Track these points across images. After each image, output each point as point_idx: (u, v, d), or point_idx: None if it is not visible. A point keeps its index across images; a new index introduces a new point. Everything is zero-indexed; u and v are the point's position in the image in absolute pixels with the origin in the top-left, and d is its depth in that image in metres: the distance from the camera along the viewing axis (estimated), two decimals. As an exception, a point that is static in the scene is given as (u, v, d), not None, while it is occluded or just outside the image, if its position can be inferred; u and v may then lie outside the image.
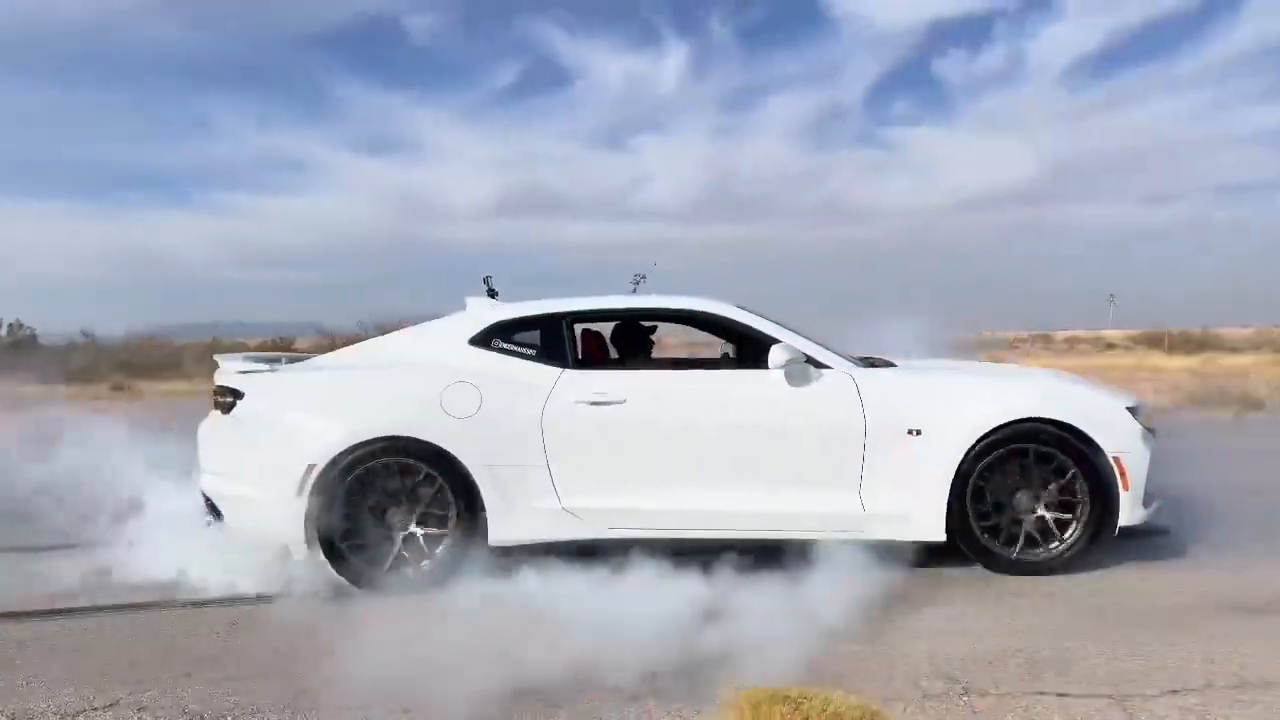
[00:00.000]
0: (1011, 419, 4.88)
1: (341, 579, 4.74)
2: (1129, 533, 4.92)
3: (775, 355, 4.94)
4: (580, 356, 5.29)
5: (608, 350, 5.70)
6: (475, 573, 4.66)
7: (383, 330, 7.03)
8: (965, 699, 3.36)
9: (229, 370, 5.09)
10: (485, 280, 5.77)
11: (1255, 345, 33.43)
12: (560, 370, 5.01)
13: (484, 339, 5.14)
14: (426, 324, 5.38)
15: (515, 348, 5.13)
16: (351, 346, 5.45)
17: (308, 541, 4.70)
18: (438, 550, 4.78)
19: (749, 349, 5.27)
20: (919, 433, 4.89)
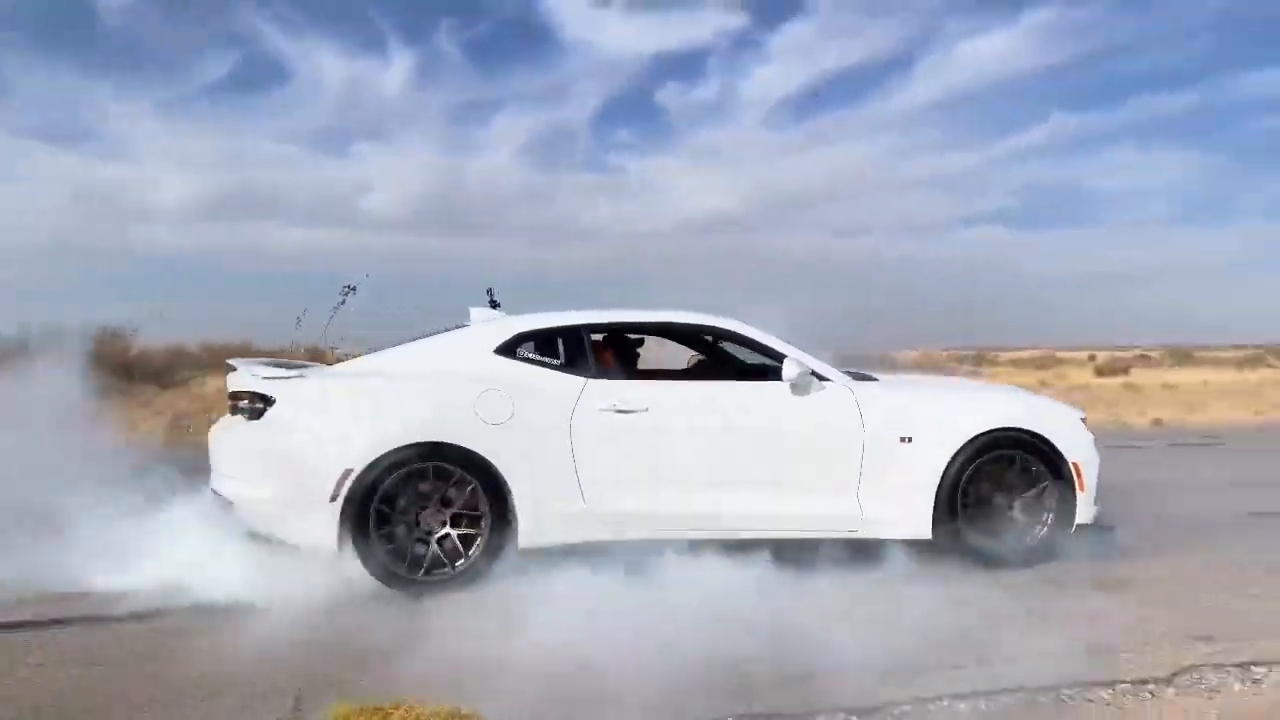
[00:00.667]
0: (991, 428, 5.44)
1: (374, 581, 4.81)
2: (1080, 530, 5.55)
3: (789, 369, 5.32)
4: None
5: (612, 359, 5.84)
6: (506, 574, 4.85)
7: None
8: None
9: (252, 376, 5.09)
10: (488, 292, 6.02)
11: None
12: (585, 380, 5.22)
13: (509, 348, 5.31)
14: (449, 333, 5.54)
15: (539, 357, 5.33)
16: (371, 355, 5.49)
17: (340, 545, 4.75)
18: (470, 552, 4.92)
19: (718, 360, 5.82)
20: (910, 440, 5.39)
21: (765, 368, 5.57)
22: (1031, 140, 78.54)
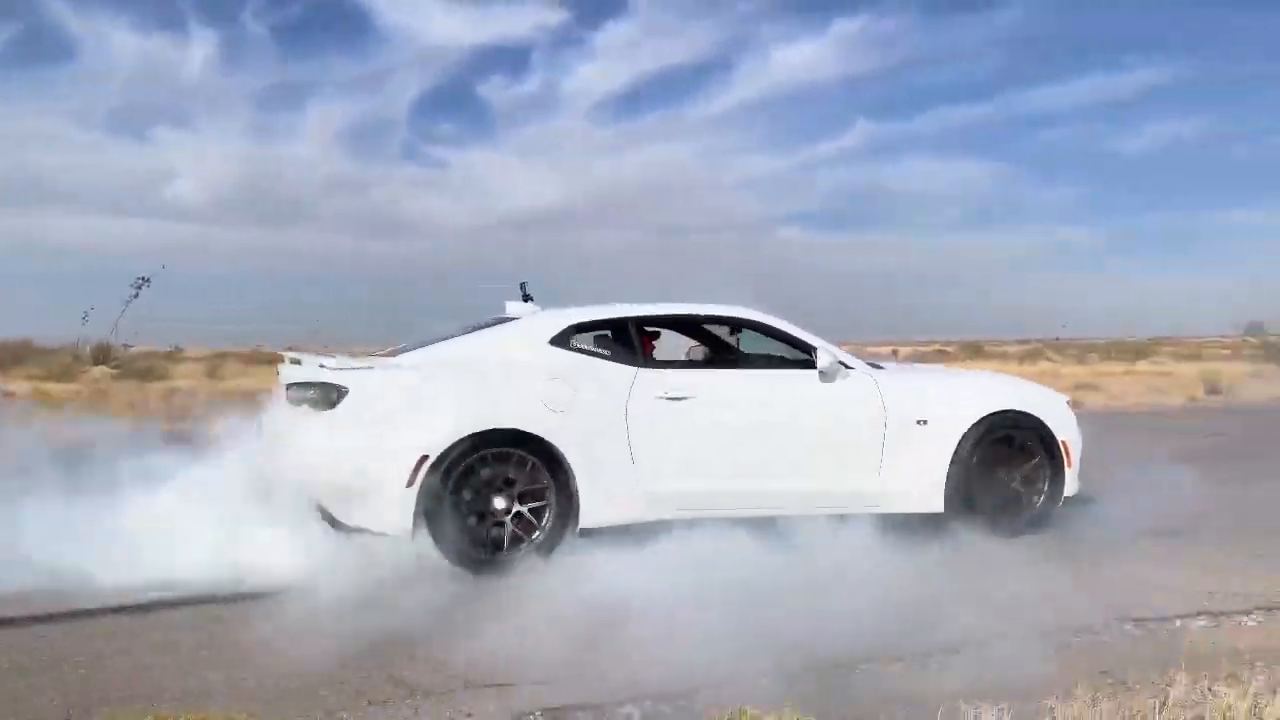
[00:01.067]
0: (993, 411, 5.99)
1: (445, 564, 4.99)
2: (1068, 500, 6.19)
3: (823, 359, 5.77)
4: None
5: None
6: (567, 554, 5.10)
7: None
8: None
9: (320, 367, 5.23)
10: (521, 286, 6.31)
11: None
12: (636, 369, 5.54)
13: (563, 339, 5.58)
14: (503, 325, 5.81)
15: (592, 348, 5.66)
16: (431, 346, 5.65)
17: (415, 528, 4.92)
18: (535, 535, 5.15)
19: (720, 349, 6.25)
20: (925, 423, 5.89)
21: (781, 356, 6.01)
22: (841, 146, 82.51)
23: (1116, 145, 76.16)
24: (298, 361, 5.47)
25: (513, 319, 5.92)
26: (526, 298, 6.25)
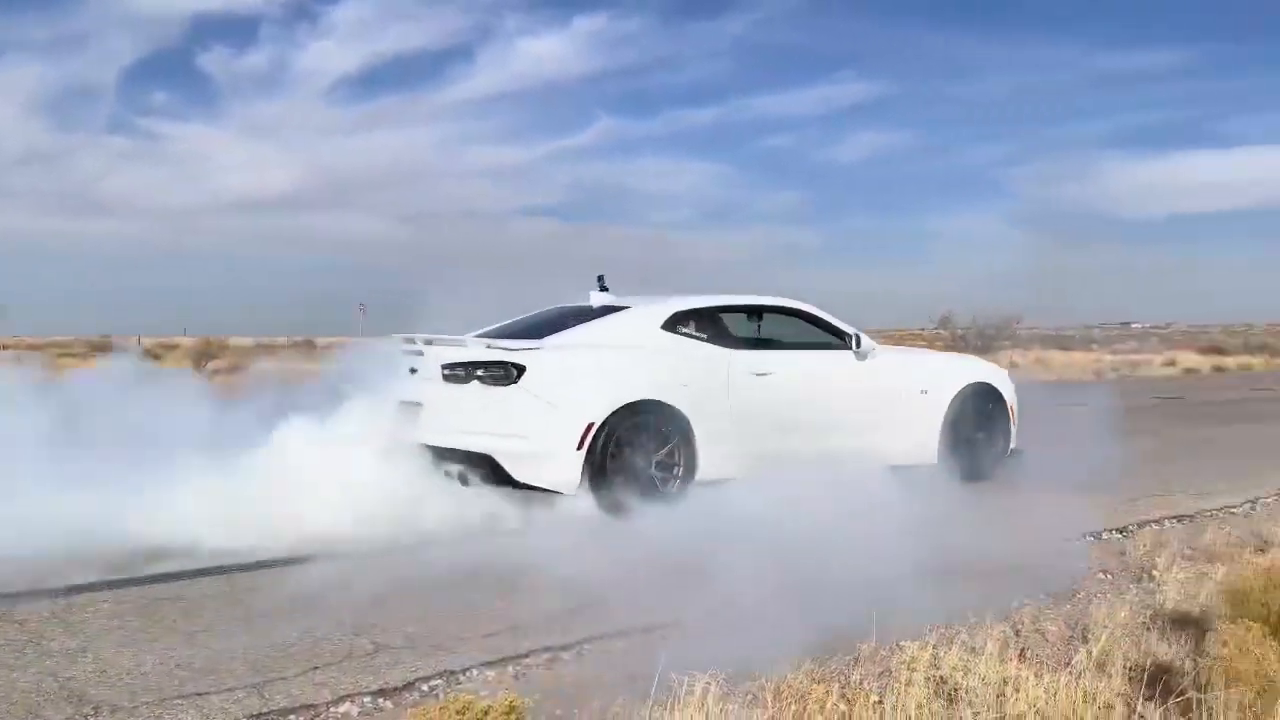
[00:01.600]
0: (970, 382, 7.46)
1: (599, 510, 5.86)
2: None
3: (865, 341, 7.00)
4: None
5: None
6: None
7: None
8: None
9: (493, 348, 6.01)
10: (599, 279, 7.27)
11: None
12: (730, 350, 6.58)
13: (671, 325, 6.56)
14: (618, 313, 6.69)
15: (693, 332, 6.60)
16: (566, 331, 6.43)
17: (581, 485, 5.83)
18: (669, 486, 6.11)
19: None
20: (926, 392, 7.24)
21: (822, 340, 7.06)
22: (582, 141, 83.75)
23: (833, 154, 79.35)
24: (416, 347, 6.26)
25: (622, 307, 6.80)
26: (603, 289, 7.16)
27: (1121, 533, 5.93)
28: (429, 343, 6.28)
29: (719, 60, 76.55)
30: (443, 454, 5.88)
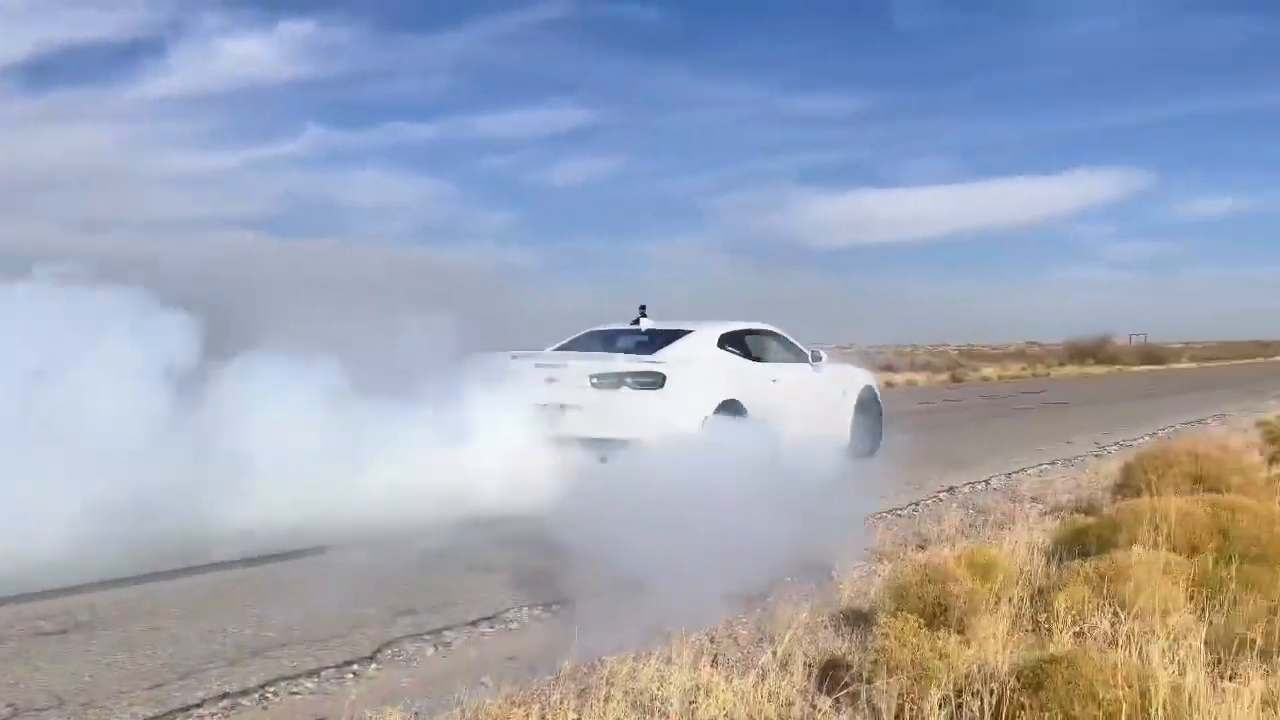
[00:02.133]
0: (864, 385, 10.55)
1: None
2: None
3: (822, 355, 9.99)
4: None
5: None
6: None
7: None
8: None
9: (638, 360, 8.23)
10: (641, 308, 9.54)
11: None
12: (753, 362, 9.23)
13: (721, 344, 9.06)
14: (688, 336, 8.98)
15: (731, 349, 9.11)
16: (668, 348, 8.61)
17: None
18: None
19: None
20: (845, 393, 10.20)
21: (790, 355, 9.85)
22: (290, 150, 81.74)
23: (549, 176, 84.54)
24: (553, 361, 8.46)
25: (685, 330, 9.08)
26: (644, 315, 9.44)
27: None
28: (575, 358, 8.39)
29: (438, 76, 74.84)
30: (594, 443, 7.44)
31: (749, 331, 9.54)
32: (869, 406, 10.48)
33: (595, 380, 7.95)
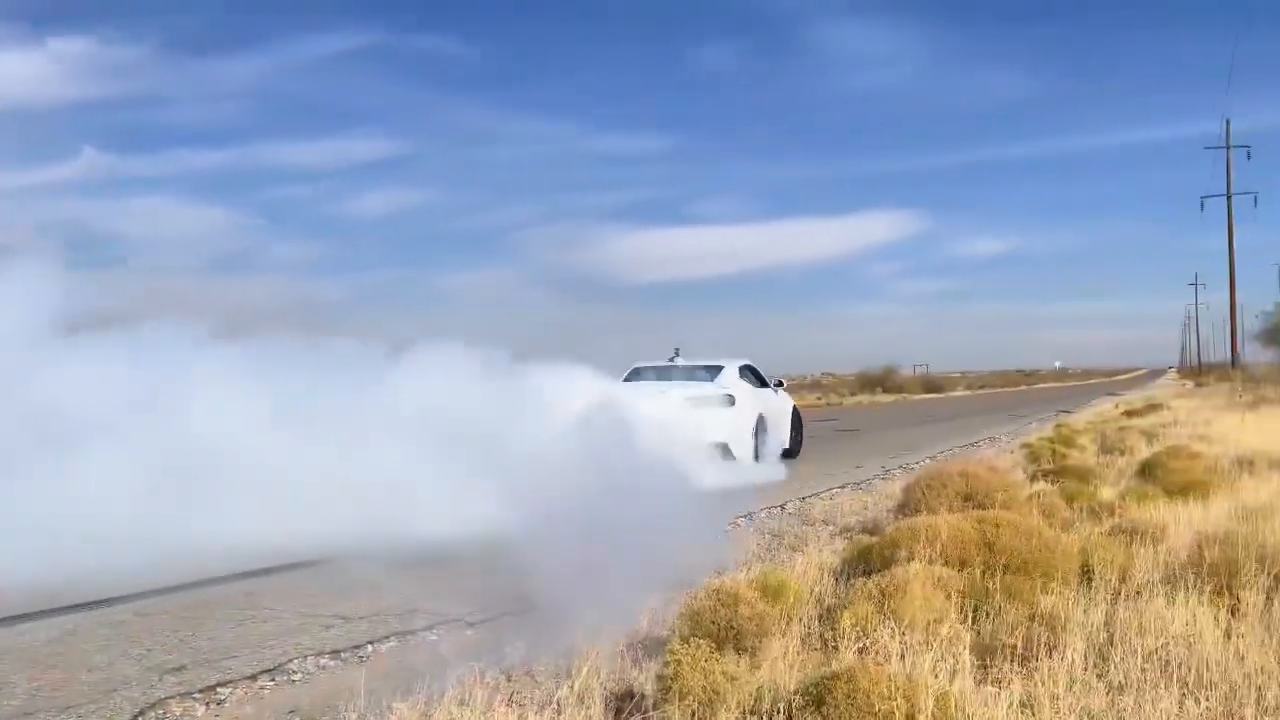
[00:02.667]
0: (792, 405, 15.38)
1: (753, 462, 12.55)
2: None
3: (783, 383, 15.18)
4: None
5: None
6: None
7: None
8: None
9: (717, 387, 12.89)
10: (676, 350, 14.20)
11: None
12: (755, 388, 13.84)
13: (740, 374, 13.57)
14: (723, 370, 13.59)
15: (744, 378, 13.66)
16: (720, 378, 13.39)
17: (752, 454, 12.73)
18: (760, 451, 13.05)
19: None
20: (784, 411, 14.74)
21: (758, 381, 14.58)
22: (63, 175, 77.98)
23: (352, 208, 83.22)
24: (660, 385, 13.05)
25: (718, 365, 13.71)
26: (676, 353, 14.18)
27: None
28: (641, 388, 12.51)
29: (232, 102, 70.37)
30: (700, 443, 11.21)
31: (747, 365, 14.23)
32: (796, 420, 15.25)
33: (689, 402, 12.28)
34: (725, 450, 11.85)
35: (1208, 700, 3.27)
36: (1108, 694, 3.36)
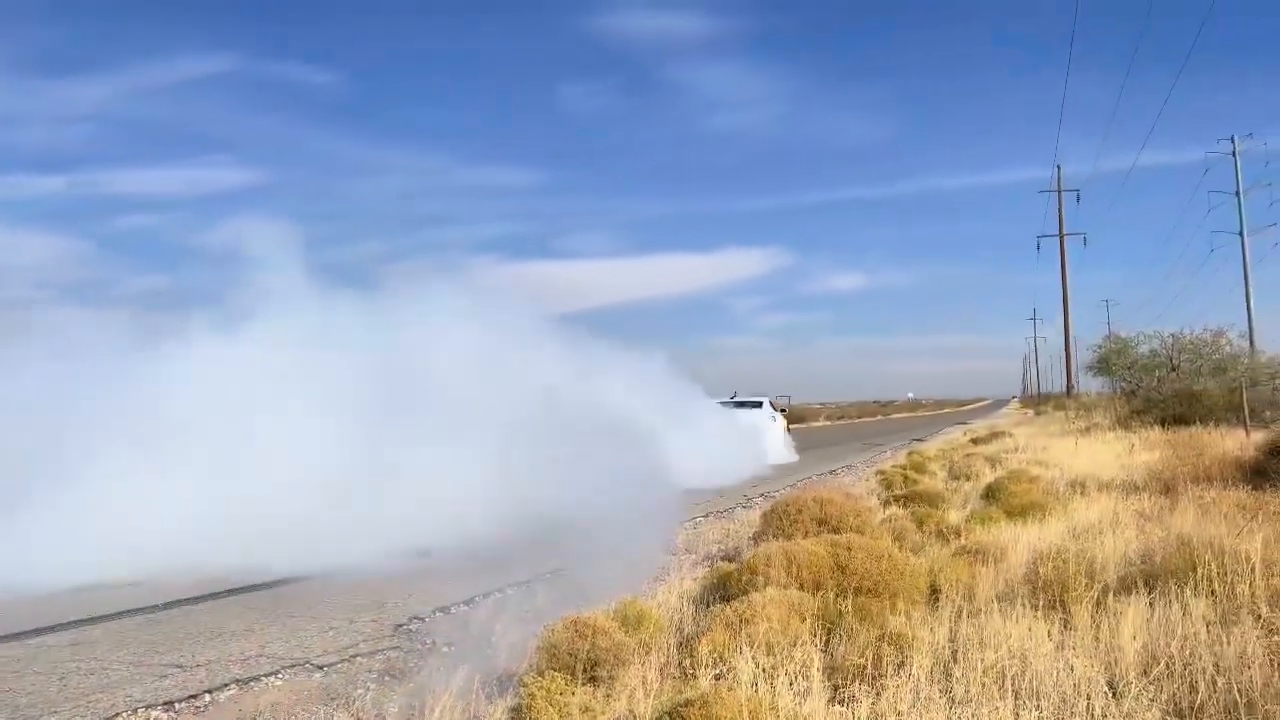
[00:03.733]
0: (784, 423, 27.58)
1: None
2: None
3: (773, 409, 26.71)
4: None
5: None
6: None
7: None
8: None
9: (767, 408, 25.89)
10: (734, 391, 26.50)
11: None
12: (773, 413, 26.31)
13: (771, 406, 26.49)
14: (762, 403, 25.81)
15: (769, 408, 26.13)
16: (764, 408, 25.90)
17: (792, 454, 24.34)
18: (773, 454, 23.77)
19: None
20: (782, 429, 26.57)
21: (765, 410, 26.10)
22: None
23: (206, 238, 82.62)
24: (778, 407, 27.60)
25: (758, 400, 25.81)
26: (736, 394, 25.97)
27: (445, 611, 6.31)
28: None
29: (74, 126, 66.32)
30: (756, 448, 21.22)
31: (765, 399, 25.28)
32: (785, 437, 24.66)
33: (760, 419, 23.37)
34: (773, 448, 22.47)
35: (1039, 710, 3.42)
36: (949, 708, 3.48)
